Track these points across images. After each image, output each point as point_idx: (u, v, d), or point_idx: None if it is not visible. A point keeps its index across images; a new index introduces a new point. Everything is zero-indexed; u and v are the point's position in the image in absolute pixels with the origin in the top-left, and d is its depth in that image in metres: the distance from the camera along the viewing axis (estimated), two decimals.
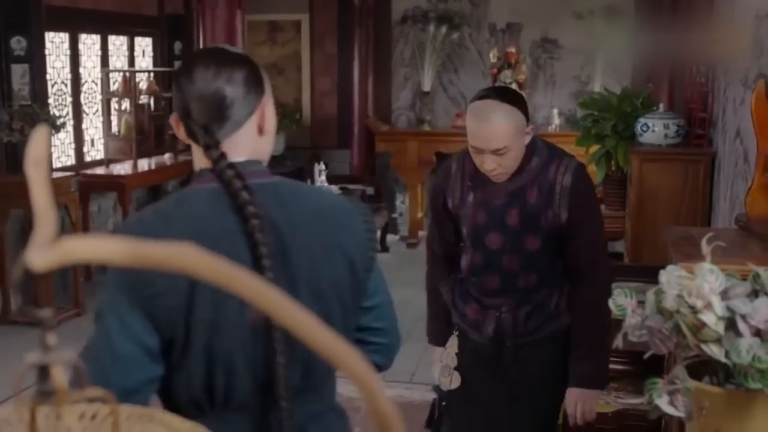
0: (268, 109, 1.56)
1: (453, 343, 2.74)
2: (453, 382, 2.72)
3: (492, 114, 2.40)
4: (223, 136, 1.49)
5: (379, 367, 1.70)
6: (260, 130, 1.55)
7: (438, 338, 2.82)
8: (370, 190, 7.94)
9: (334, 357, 0.48)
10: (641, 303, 1.43)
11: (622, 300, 1.45)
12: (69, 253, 0.46)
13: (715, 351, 1.30)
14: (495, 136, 2.40)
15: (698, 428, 1.39)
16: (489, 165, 2.45)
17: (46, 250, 0.47)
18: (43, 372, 0.50)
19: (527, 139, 2.47)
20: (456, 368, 2.72)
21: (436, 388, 2.85)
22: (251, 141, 1.53)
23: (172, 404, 1.48)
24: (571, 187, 2.49)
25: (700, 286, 1.31)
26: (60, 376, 0.50)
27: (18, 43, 6.18)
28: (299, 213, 1.51)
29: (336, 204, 1.60)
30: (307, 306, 1.50)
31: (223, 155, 1.45)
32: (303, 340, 0.48)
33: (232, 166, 1.44)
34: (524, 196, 2.52)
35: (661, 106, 4.91)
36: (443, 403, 2.82)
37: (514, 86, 8.06)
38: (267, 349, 1.41)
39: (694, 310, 1.30)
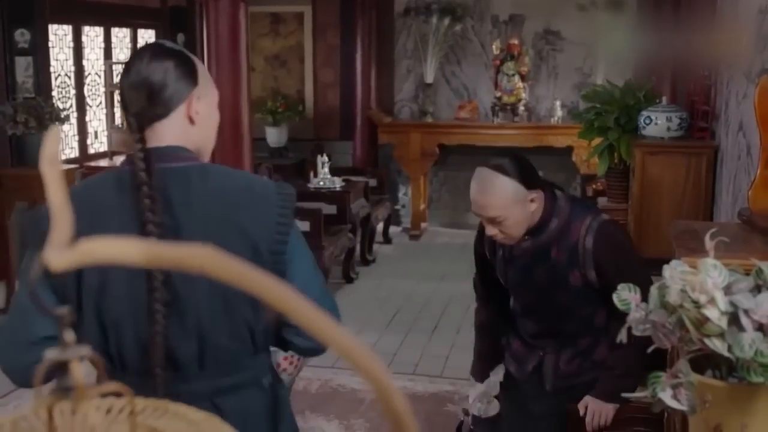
0: (199, 101, 1.62)
1: (499, 371, 2.73)
2: (490, 409, 2.70)
3: (484, 184, 2.37)
4: (149, 123, 1.58)
5: (303, 351, 1.71)
6: (190, 120, 1.61)
7: (482, 377, 2.78)
8: (372, 182, 7.93)
9: (348, 355, 0.49)
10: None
11: (625, 294, 1.46)
12: (86, 254, 0.47)
13: (718, 345, 1.31)
14: (488, 205, 2.38)
15: (701, 422, 1.40)
16: (489, 231, 2.44)
17: (64, 251, 0.48)
18: (62, 368, 0.51)
19: (532, 206, 2.40)
20: (496, 396, 2.70)
21: (465, 412, 2.82)
22: (179, 129, 1.61)
23: None
24: (593, 249, 2.42)
25: (704, 282, 1.31)
26: (79, 373, 0.51)
27: (22, 36, 6.18)
28: (201, 194, 1.56)
29: (249, 187, 1.63)
30: (198, 282, 1.52)
31: (141, 139, 1.55)
32: (320, 339, 0.49)
33: (143, 149, 1.53)
34: (548, 255, 2.48)
35: (664, 99, 4.91)
36: (471, 427, 2.81)
37: (516, 78, 8.07)
38: (148, 319, 1.49)
39: (697, 305, 1.31)
